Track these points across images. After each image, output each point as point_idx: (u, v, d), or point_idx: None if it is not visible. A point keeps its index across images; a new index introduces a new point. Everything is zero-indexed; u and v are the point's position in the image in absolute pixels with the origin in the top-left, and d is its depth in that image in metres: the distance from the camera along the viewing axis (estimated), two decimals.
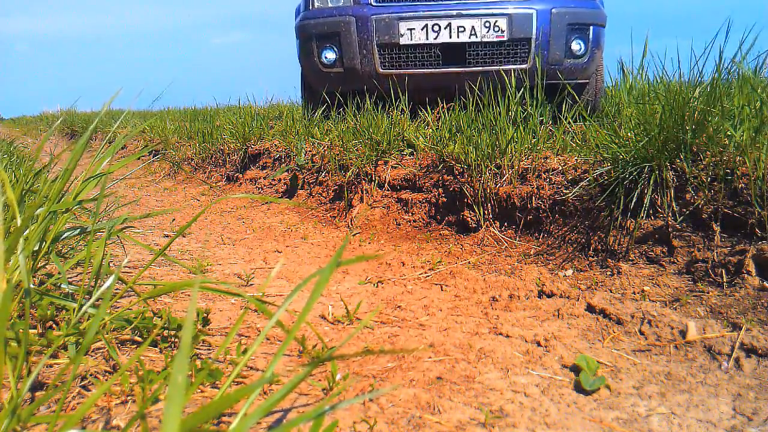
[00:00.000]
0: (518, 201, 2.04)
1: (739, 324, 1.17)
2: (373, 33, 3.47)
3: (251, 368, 0.99)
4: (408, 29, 3.46)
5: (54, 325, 0.97)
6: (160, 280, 1.49)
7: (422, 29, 3.47)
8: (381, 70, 3.47)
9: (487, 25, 3.44)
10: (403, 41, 3.43)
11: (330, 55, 3.62)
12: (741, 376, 1.01)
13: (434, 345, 1.11)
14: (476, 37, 3.43)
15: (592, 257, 1.71)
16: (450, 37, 3.45)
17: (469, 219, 2.15)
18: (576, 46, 3.58)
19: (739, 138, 1.51)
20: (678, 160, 1.62)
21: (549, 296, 1.44)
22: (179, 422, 0.34)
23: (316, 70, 3.66)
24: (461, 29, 3.45)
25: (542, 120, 2.64)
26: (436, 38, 3.44)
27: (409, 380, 0.96)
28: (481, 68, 3.44)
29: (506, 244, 1.98)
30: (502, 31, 3.43)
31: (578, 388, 0.96)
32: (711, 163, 1.57)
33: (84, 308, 0.86)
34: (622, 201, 1.69)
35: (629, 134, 1.78)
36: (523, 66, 3.43)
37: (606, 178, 1.78)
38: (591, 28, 3.63)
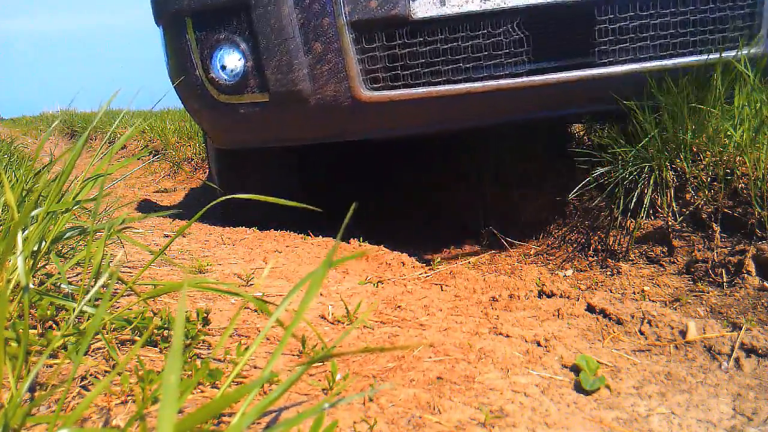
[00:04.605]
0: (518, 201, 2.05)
1: (739, 324, 1.17)
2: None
3: (253, 367, 0.99)
4: None
5: (54, 325, 0.97)
6: (161, 280, 1.49)
7: None
8: (365, 94, 1.61)
9: None
10: (418, 10, 1.55)
11: (231, 61, 1.68)
12: (741, 376, 1.01)
13: (434, 345, 1.10)
14: None
15: (592, 257, 1.71)
16: None
17: (468, 220, 2.16)
18: None
19: (739, 138, 1.51)
20: (678, 160, 1.62)
21: (549, 296, 1.44)
22: (173, 423, 0.34)
23: (205, 100, 1.77)
24: None
25: None
26: None
27: (409, 380, 0.96)
28: (635, 66, 1.61)
29: (506, 245, 1.98)
30: None
31: (578, 388, 0.96)
32: (711, 163, 1.57)
33: (81, 306, 0.85)
34: (622, 201, 1.69)
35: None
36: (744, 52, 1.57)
37: (606, 178, 1.78)
38: None
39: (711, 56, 1.60)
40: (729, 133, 1.55)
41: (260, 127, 1.77)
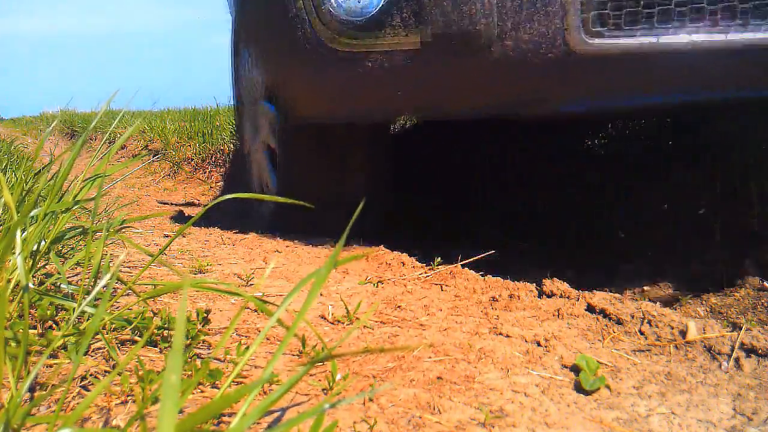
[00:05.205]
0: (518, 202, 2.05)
1: (739, 324, 1.17)
2: None
3: (253, 367, 0.99)
4: None
5: (54, 325, 0.97)
6: (161, 280, 1.49)
7: None
8: (588, 42, 1.04)
9: None
10: None
11: None
12: (741, 376, 1.01)
13: (434, 345, 1.10)
14: None
15: (593, 257, 1.71)
16: None
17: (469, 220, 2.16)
18: None
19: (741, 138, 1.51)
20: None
21: (549, 296, 1.44)
22: (174, 423, 0.34)
23: (308, 47, 1.22)
24: None
25: None
26: None
27: (409, 380, 0.96)
28: None
29: (506, 243, 1.98)
30: None
31: (578, 388, 0.96)
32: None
33: (81, 307, 0.85)
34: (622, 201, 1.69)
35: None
36: None
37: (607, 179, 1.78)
38: None
39: None
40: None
41: (398, 87, 1.19)
